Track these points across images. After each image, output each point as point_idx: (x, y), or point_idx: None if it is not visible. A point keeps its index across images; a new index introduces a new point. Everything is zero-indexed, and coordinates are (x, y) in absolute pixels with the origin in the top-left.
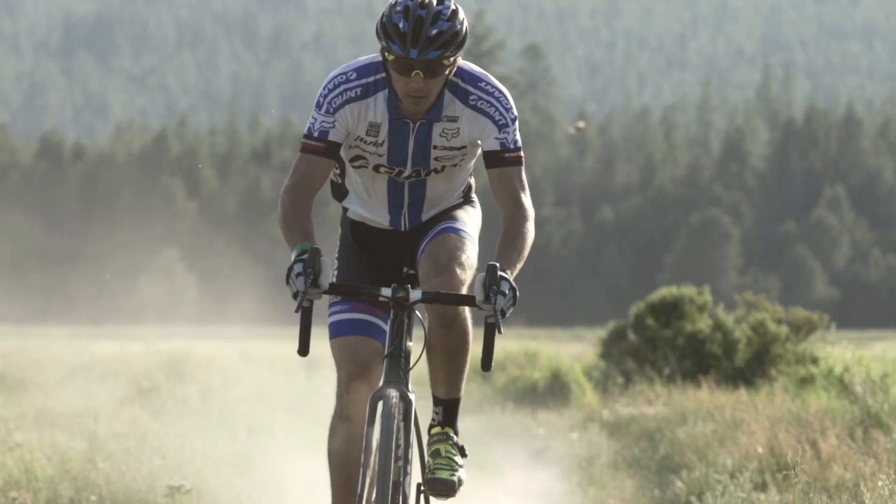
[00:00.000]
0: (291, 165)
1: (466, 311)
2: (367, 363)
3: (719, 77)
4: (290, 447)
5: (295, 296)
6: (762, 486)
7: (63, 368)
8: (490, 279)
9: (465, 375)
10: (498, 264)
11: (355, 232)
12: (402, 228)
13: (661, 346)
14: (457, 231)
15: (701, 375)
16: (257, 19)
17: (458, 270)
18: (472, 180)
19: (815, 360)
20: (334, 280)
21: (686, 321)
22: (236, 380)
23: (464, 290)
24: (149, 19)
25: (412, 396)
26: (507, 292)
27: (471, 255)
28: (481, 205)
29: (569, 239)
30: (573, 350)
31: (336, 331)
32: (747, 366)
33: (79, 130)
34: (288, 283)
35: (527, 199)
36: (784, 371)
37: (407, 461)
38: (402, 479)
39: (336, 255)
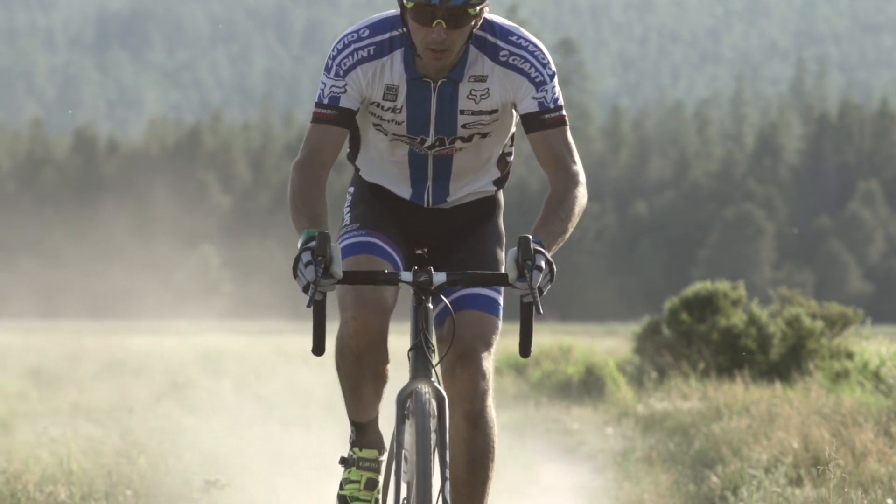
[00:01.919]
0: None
1: (493, 407)
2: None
3: (753, 71)
4: (325, 442)
5: (305, 288)
6: (797, 481)
7: (97, 363)
8: (523, 253)
9: (490, 489)
10: (531, 237)
11: (372, 189)
12: (425, 205)
13: (696, 341)
14: (485, 304)
15: (735, 370)
16: (291, 14)
17: (485, 359)
18: (511, 157)
19: (849, 355)
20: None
21: (720, 316)
22: (271, 374)
23: (489, 383)
24: (182, 14)
25: (444, 393)
26: (542, 266)
27: (498, 331)
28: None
29: (603, 233)
30: (607, 345)
31: (342, 254)
32: (782, 360)
33: (113, 125)
34: (296, 274)
35: (574, 162)
36: (819, 366)
37: (445, 464)
38: (442, 484)
39: (347, 206)
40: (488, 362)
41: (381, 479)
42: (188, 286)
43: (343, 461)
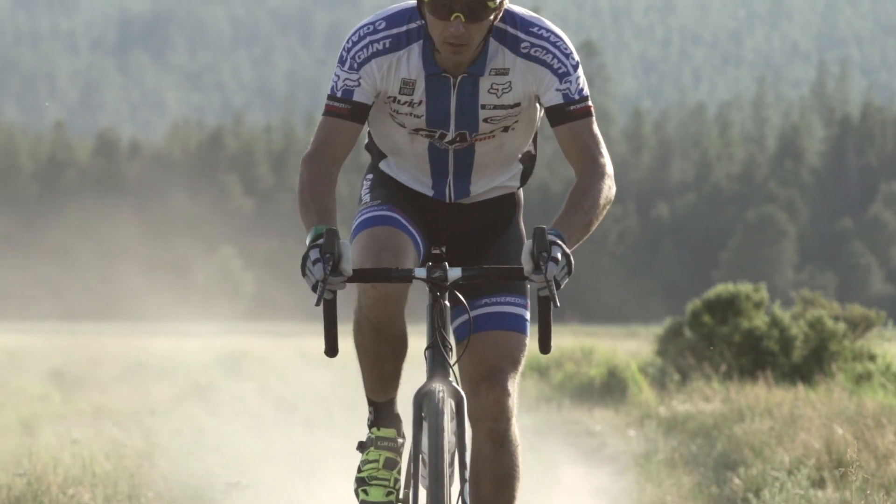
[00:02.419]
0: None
1: (518, 431)
2: (399, 251)
3: (775, 74)
4: (348, 444)
5: (314, 287)
6: (820, 483)
7: (119, 365)
8: (538, 245)
9: None
10: (546, 227)
11: (392, 180)
12: (447, 200)
13: (718, 343)
14: (512, 323)
15: (758, 372)
16: (313, 16)
17: (511, 378)
18: (534, 152)
19: (872, 357)
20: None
21: (742, 318)
22: (293, 376)
23: (514, 401)
24: (204, 16)
25: (463, 393)
26: (559, 258)
27: (525, 348)
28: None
29: (625, 236)
30: (629, 347)
31: (360, 227)
32: (804, 363)
33: (135, 128)
34: (304, 273)
35: (601, 153)
36: (841, 368)
37: (465, 466)
38: (461, 486)
39: (365, 190)
40: (514, 381)
41: (401, 461)
42: (210, 288)
43: (360, 445)
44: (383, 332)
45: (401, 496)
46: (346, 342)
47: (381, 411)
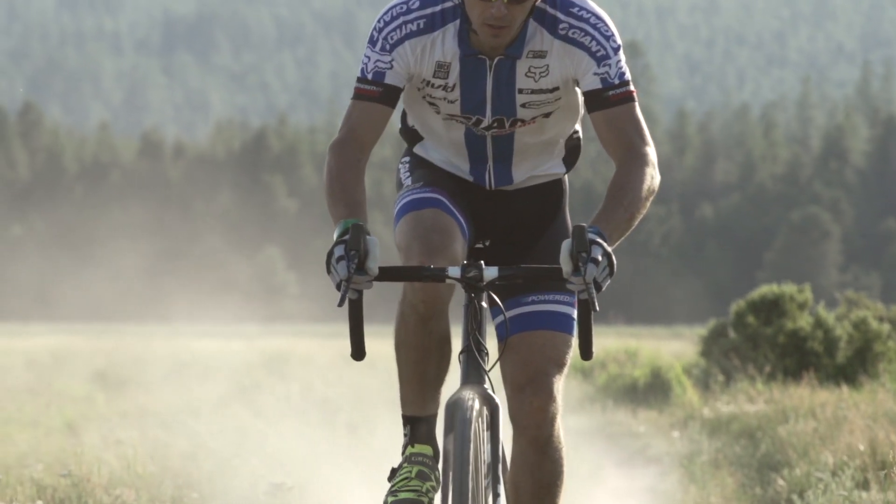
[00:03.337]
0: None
1: (562, 431)
2: (447, 233)
3: (819, 74)
4: (392, 445)
5: (338, 286)
6: (864, 484)
7: (164, 366)
8: (577, 245)
9: None
10: (586, 226)
11: (431, 163)
12: (488, 186)
13: (762, 344)
14: (558, 323)
15: (802, 373)
16: (356, 17)
17: (556, 381)
18: (579, 135)
19: None
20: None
21: (787, 319)
22: (337, 378)
23: (559, 404)
24: (248, 17)
25: (498, 401)
26: (600, 259)
27: (571, 348)
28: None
29: (669, 236)
30: (673, 348)
31: (404, 209)
32: (848, 363)
33: (179, 128)
34: (329, 270)
35: (644, 141)
36: (886, 369)
37: (497, 479)
38: (494, 499)
39: (405, 173)
40: (560, 383)
41: (433, 479)
42: (254, 289)
43: (392, 473)
44: (429, 324)
45: None
46: (375, 344)
47: (419, 430)
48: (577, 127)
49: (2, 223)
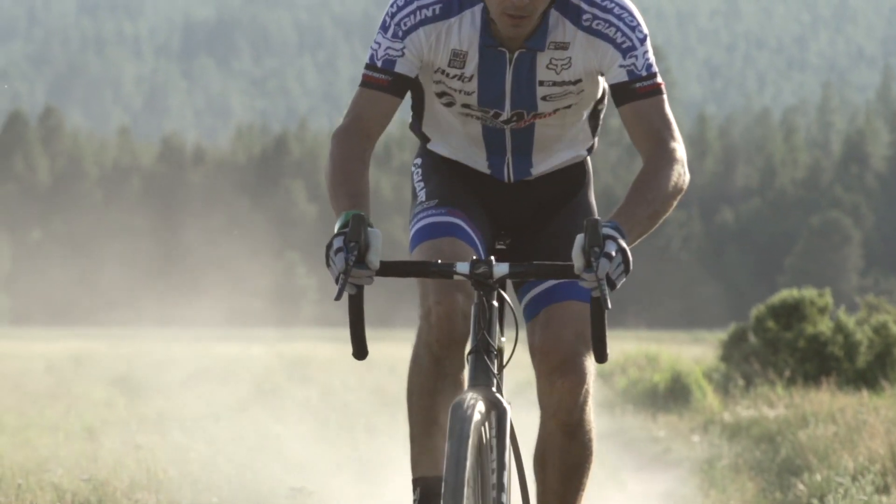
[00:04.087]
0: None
1: (592, 414)
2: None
3: (839, 78)
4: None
5: (337, 279)
6: (884, 489)
7: (184, 370)
8: (591, 240)
9: (583, 498)
10: (600, 220)
11: (445, 161)
12: (506, 180)
13: (782, 349)
14: (585, 291)
15: (822, 378)
16: (377, 21)
17: (587, 361)
18: (602, 109)
19: None
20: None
21: (807, 323)
22: (358, 382)
23: (590, 386)
24: (268, 22)
25: (507, 405)
26: (613, 254)
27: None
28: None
29: (689, 241)
30: (693, 352)
31: (419, 236)
32: (869, 368)
33: (199, 133)
34: (328, 263)
35: (672, 137)
36: None
37: (502, 488)
38: None
39: (419, 180)
40: (590, 363)
41: None
42: (274, 294)
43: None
44: (443, 364)
45: None
46: (396, 348)
47: (429, 493)
48: (603, 104)
49: (22, 228)
